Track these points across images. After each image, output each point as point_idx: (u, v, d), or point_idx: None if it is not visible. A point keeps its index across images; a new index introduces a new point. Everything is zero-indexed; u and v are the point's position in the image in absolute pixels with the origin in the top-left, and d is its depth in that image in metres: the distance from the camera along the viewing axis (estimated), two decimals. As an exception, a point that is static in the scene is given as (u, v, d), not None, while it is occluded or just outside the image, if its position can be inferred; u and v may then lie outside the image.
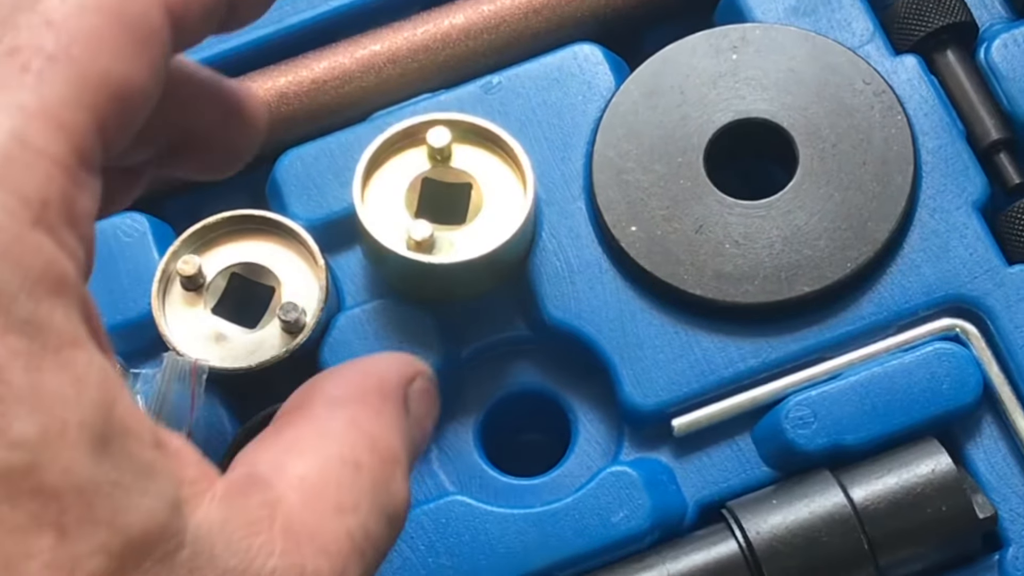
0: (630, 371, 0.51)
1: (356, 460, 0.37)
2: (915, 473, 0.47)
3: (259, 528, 0.34)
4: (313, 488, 0.36)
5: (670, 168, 0.52)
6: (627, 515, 0.48)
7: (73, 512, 0.30)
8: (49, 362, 0.31)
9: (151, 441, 0.33)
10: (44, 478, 0.30)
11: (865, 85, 0.53)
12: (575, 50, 0.55)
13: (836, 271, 0.50)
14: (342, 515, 0.36)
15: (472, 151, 0.52)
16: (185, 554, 0.32)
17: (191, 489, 0.33)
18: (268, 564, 0.34)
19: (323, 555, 0.35)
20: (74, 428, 0.30)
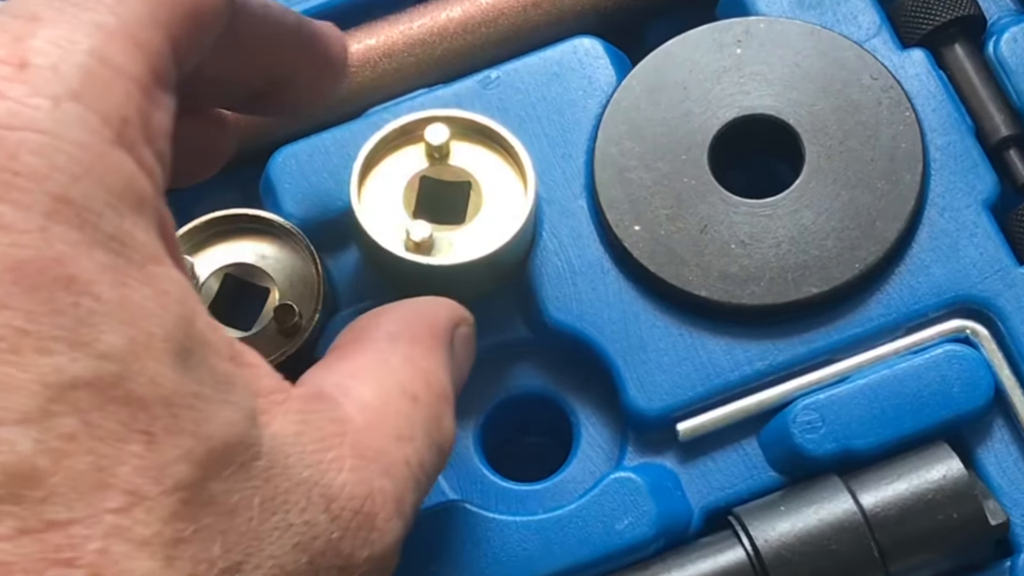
0: (633, 374, 0.49)
1: (414, 393, 0.39)
2: (926, 479, 0.46)
3: (331, 443, 0.35)
4: (375, 414, 0.38)
5: (674, 166, 0.51)
6: (632, 522, 0.47)
7: (160, 421, 0.31)
8: (134, 277, 0.32)
9: (228, 354, 0.34)
10: (132, 388, 0.31)
11: (872, 80, 0.52)
12: (575, 44, 0.54)
13: (844, 272, 0.49)
14: (400, 442, 0.38)
15: (471, 148, 0.50)
16: (262, 463, 0.33)
17: (267, 400, 0.35)
18: (339, 478, 0.35)
19: (386, 476, 0.37)
20: (159, 341, 0.32)
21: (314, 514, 0.34)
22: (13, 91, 0.32)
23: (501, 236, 0.49)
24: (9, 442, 0.29)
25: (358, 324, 0.43)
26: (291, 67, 0.45)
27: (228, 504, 0.32)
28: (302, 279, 0.51)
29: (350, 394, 0.38)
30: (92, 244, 0.31)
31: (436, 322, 0.43)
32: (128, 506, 0.30)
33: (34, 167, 0.31)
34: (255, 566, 0.33)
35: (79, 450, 0.30)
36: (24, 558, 0.29)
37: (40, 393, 0.30)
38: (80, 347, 0.30)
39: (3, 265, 0.30)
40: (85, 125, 0.32)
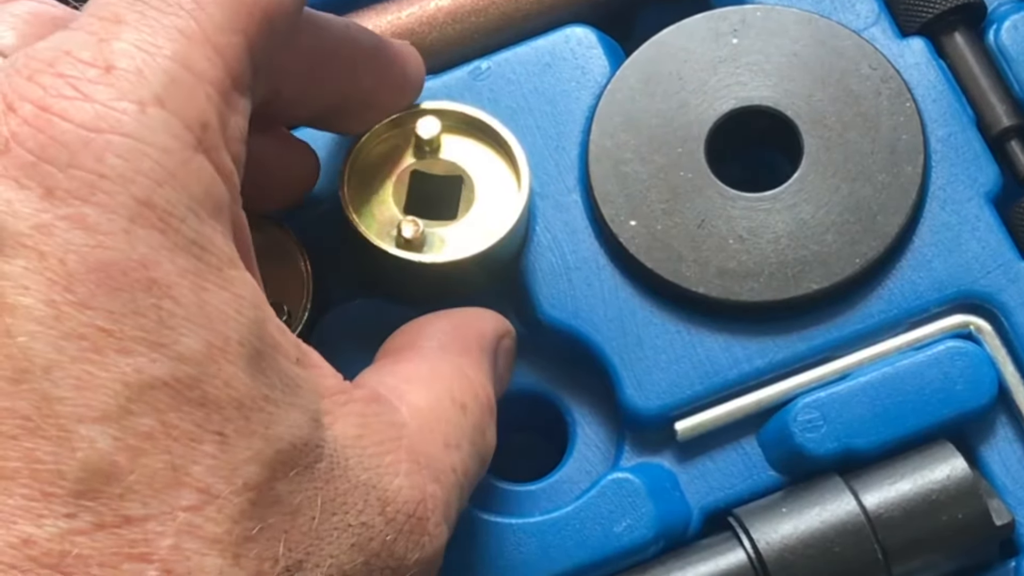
0: (630, 372, 0.48)
1: (463, 402, 0.40)
2: (930, 479, 0.46)
3: (389, 447, 0.36)
4: (427, 420, 0.39)
5: (670, 159, 0.50)
6: (630, 524, 0.46)
7: (233, 423, 0.32)
8: (212, 281, 0.33)
9: (295, 356, 0.35)
10: (208, 390, 0.32)
11: (872, 70, 0.51)
12: (567, 33, 0.53)
13: (845, 267, 0.48)
14: (449, 450, 0.39)
15: (462, 142, 0.49)
16: (324, 465, 0.34)
17: (330, 401, 0.36)
18: (395, 482, 0.36)
19: (436, 482, 0.38)
20: (234, 344, 0.33)
21: (371, 516, 0.35)
22: (99, 94, 0.33)
23: (494, 232, 0.48)
24: (89, 439, 0.31)
25: (409, 330, 0.44)
26: (369, 87, 0.46)
27: (292, 504, 0.33)
28: (290, 276, 0.50)
29: (404, 399, 0.39)
30: (174, 248, 0.32)
31: (483, 333, 0.44)
32: (200, 504, 0.31)
33: (119, 170, 0.32)
34: (315, 565, 0.34)
35: (156, 449, 0.31)
36: (100, 552, 0.30)
37: (120, 392, 0.31)
38: (159, 348, 0.32)
39: (87, 266, 0.31)
40: (169, 130, 0.33)
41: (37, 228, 0.32)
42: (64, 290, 0.31)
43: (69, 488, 0.30)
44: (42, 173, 0.32)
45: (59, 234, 0.32)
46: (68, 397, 0.31)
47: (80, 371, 0.31)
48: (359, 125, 0.48)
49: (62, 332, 0.31)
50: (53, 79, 0.33)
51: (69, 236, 0.32)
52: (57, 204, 0.32)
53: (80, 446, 0.30)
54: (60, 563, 0.30)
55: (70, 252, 0.31)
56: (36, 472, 0.30)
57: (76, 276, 0.31)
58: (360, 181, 0.49)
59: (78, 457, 0.30)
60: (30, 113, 0.32)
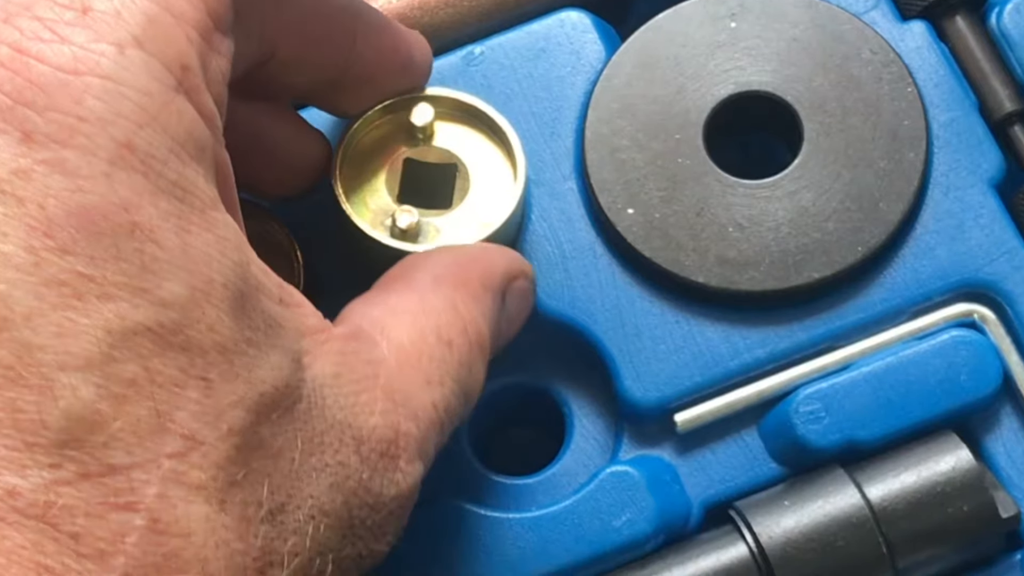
0: (629, 363, 0.48)
1: (449, 339, 0.40)
2: (934, 470, 0.45)
3: (365, 385, 0.36)
4: (409, 357, 0.38)
5: (668, 145, 0.49)
6: (630, 518, 0.46)
7: (217, 368, 0.32)
8: (195, 224, 0.32)
9: (278, 296, 0.35)
10: (192, 335, 0.31)
11: (872, 55, 0.50)
12: (562, 17, 0.52)
13: (847, 255, 0.47)
14: (430, 387, 0.38)
15: (456, 129, 0.48)
16: (303, 406, 0.34)
17: (311, 340, 0.35)
18: (370, 421, 0.36)
19: (412, 419, 0.37)
20: (218, 287, 0.32)
21: (347, 455, 0.35)
22: (77, 36, 0.32)
23: (489, 222, 0.47)
24: (71, 387, 0.30)
25: (408, 261, 0.43)
26: (370, 61, 0.45)
27: (274, 447, 0.33)
28: (282, 268, 0.49)
29: (386, 333, 0.39)
30: (156, 191, 0.32)
31: (490, 270, 0.43)
32: (186, 451, 0.31)
33: (99, 112, 0.32)
34: (296, 507, 0.33)
35: (139, 396, 0.31)
36: (85, 502, 0.30)
37: (102, 339, 0.30)
38: (142, 294, 0.31)
39: (67, 211, 0.31)
40: (149, 72, 0.33)
41: (16, 173, 0.31)
42: (44, 236, 0.31)
43: (52, 438, 0.30)
44: (20, 117, 0.31)
45: (38, 179, 0.31)
46: (49, 345, 0.30)
47: (61, 318, 0.30)
48: (356, 103, 0.47)
49: (42, 279, 0.30)
50: (30, 22, 0.32)
51: (48, 181, 0.31)
52: (36, 148, 0.31)
53: (62, 395, 0.30)
54: (45, 514, 0.29)
55: (49, 197, 0.31)
56: (18, 422, 0.30)
57: (56, 221, 0.31)
58: (353, 169, 0.48)
59: (60, 406, 0.30)
60: (6, 56, 0.32)
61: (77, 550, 0.30)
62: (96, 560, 0.30)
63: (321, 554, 0.34)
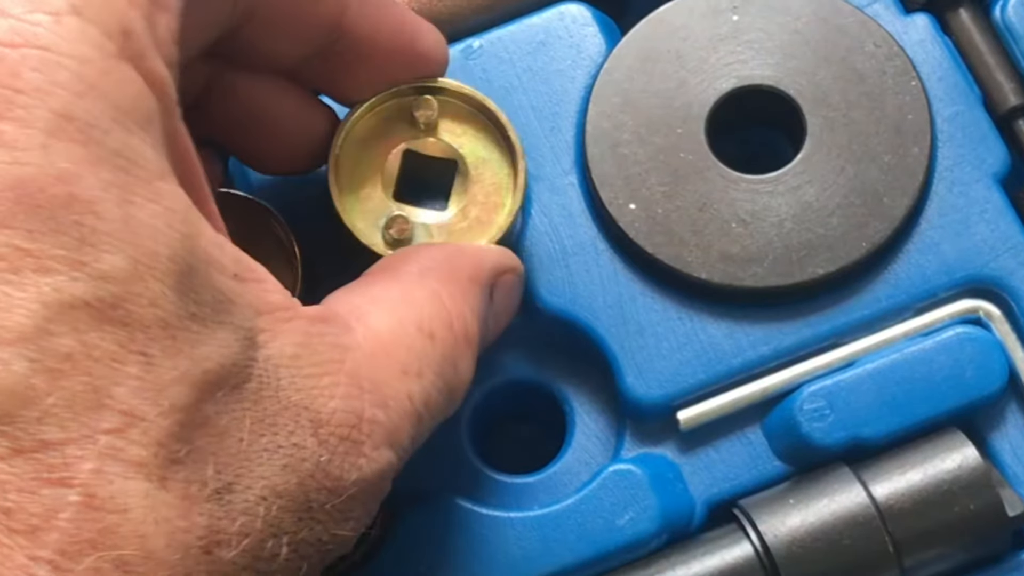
0: (631, 360, 0.47)
1: (431, 331, 0.39)
2: (940, 468, 0.45)
3: (327, 368, 0.35)
4: (384, 346, 0.38)
5: (669, 140, 0.49)
6: (634, 517, 0.45)
7: (158, 343, 0.31)
8: (140, 195, 0.32)
9: (233, 270, 0.34)
10: (132, 309, 0.31)
11: (876, 48, 0.49)
12: (561, 10, 0.51)
13: (851, 251, 0.47)
14: (406, 377, 0.38)
15: (461, 123, 0.47)
16: (253, 385, 0.33)
17: (271, 317, 0.35)
18: (329, 404, 0.35)
19: (380, 407, 0.36)
20: (164, 260, 0.31)
21: (302, 437, 0.34)
22: (13, 7, 0.32)
23: (486, 228, 0.46)
24: (4, 362, 0.29)
25: (397, 254, 0.43)
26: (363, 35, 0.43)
27: (219, 426, 0.32)
28: (279, 264, 0.48)
29: (364, 320, 0.38)
30: (96, 161, 0.31)
31: (479, 265, 0.43)
32: (124, 427, 0.30)
33: (36, 84, 0.31)
34: (246, 487, 0.33)
35: (75, 370, 0.30)
36: (17, 477, 0.29)
37: (38, 312, 0.30)
38: (80, 267, 0.30)
39: (4, 184, 0.30)
40: (87, 39, 0.32)
41: None
42: None
43: None
44: None
45: None
46: None
47: None
48: (356, 86, 0.45)
49: None
50: None
51: None
52: None
53: None
54: None
55: None
56: None
57: None
58: (350, 158, 0.47)
59: None
60: None
61: (8, 525, 0.29)
62: (28, 536, 0.29)
63: (275, 536, 0.33)
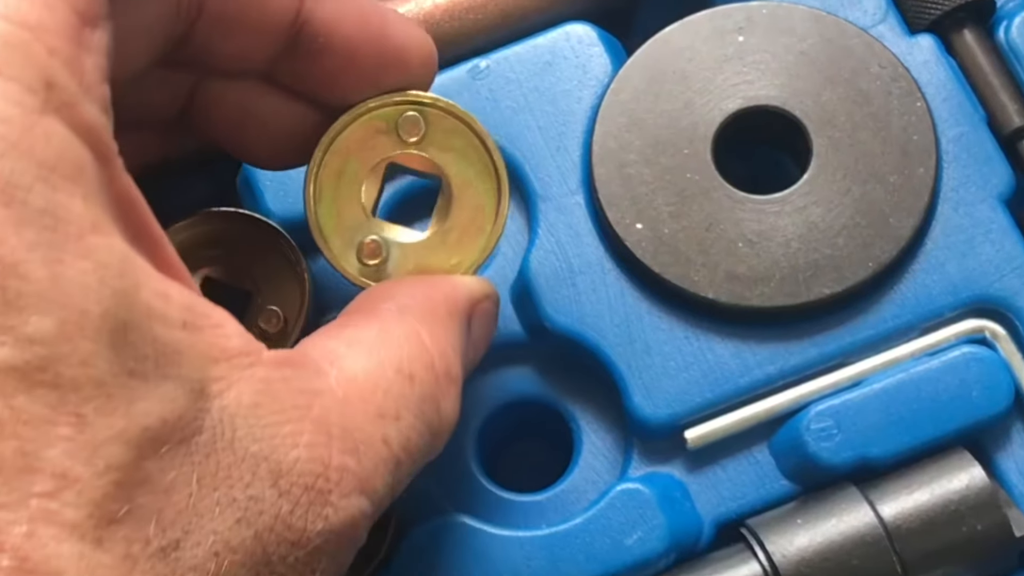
0: (638, 380, 0.47)
1: (410, 372, 0.38)
2: (948, 488, 0.45)
3: (290, 416, 0.34)
4: (360, 390, 0.37)
5: (676, 160, 0.49)
6: (642, 536, 0.45)
7: (92, 402, 0.30)
8: (69, 252, 0.30)
9: (180, 320, 0.33)
10: (62, 371, 0.30)
11: (881, 69, 0.49)
12: (567, 31, 0.52)
13: (857, 271, 0.47)
14: (382, 421, 0.37)
15: (449, 140, 0.45)
16: (204, 438, 0.32)
17: (228, 365, 0.33)
18: (291, 454, 0.34)
19: (351, 453, 0.35)
20: (95, 319, 0.30)
21: (260, 489, 0.33)
22: None
23: (466, 253, 0.44)
24: None
25: (372, 292, 0.42)
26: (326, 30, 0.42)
27: (164, 482, 0.32)
28: (288, 283, 0.48)
29: (339, 364, 0.37)
30: (20, 222, 0.30)
31: (456, 297, 0.42)
32: (57, 489, 0.30)
33: None
34: (195, 543, 0.32)
35: (4, 435, 0.29)
36: None
37: None
38: (7, 331, 0.30)
39: None
40: (7, 97, 0.30)
41: None
42: None
43: None
44: None
45: None
46: None
47: None
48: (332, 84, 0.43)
49: None
50: None
51: None
52: None
53: None
54: None
55: None
56: None
57: None
58: (332, 168, 0.45)
59: None
60: None
61: None
62: None
63: None
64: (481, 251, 0.44)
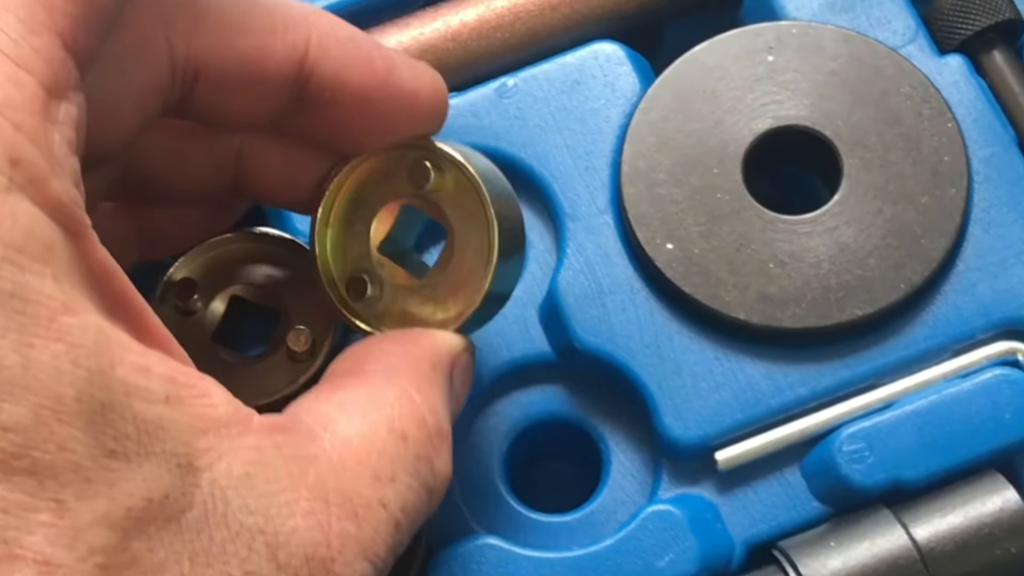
0: (668, 400, 0.47)
1: (403, 432, 0.37)
2: (981, 511, 0.45)
3: (285, 484, 0.33)
4: (355, 453, 0.36)
5: (706, 180, 0.49)
6: (673, 559, 0.45)
7: (71, 487, 0.30)
8: (39, 335, 0.30)
9: (161, 394, 0.32)
10: (38, 457, 0.29)
11: (912, 89, 0.49)
12: (595, 49, 0.52)
13: (889, 292, 0.47)
14: (379, 483, 0.36)
15: (457, 197, 0.43)
16: (194, 515, 0.31)
17: (216, 435, 0.33)
18: (288, 524, 0.33)
19: (351, 519, 0.35)
20: (70, 402, 0.30)
21: (257, 563, 0.32)
22: None
23: (455, 304, 0.43)
24: None
25: (355, 353, 0.41)
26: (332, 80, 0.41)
27: (153, 562, 0.31)
28: (316, 302, 0.48)
29: (332, 428, 0.36)
30: None
31: (438, 352, 0.41)
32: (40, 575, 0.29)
33: None
34: None
35: None
36: None
37: None
38: None
39: None
40: None
41: None
42: None
43: None
44: None
45: None
46: None
47: None
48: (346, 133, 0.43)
49: None
50: None
51: None
52: None
53: None
54: None
55: None
56: None
57: None
58: (346, 200, 0.44)
59: None
60: None
61: None
62: None
63: None
64: (458, 316, 0.43)
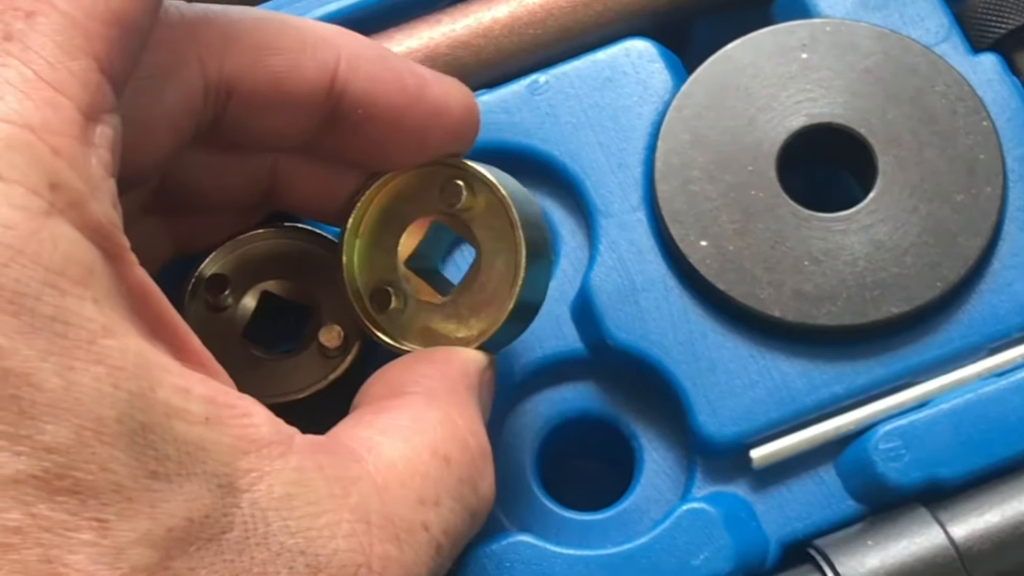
0: (702, 398, 0.47)
1: (447, 455, 0.38)
2: (1019, 509, 0.44)
3: (328, 506, 0.34)
4: (399, 476, 0.36)
5: (740, 177, 0.49)
6: (709, 557, 0.45)
7: (113, 507, 0.30)
8: (80, 358, 0.30)
9: (203, 415, 0.32)
10: (80, 477, 0.30)
11: (946, 87, 0.49)
12: (627, 46, 0.51)
13: (925, 290, 0.47)
14: (422, 506, 0.36)
15: (488, 218, 0.43)
16: (235, 535, 0.32)
17: (257, 456, 0.33)
18: (330, 545, 0.33)
19: (393, 541, 0.35)
20: (111, 423, 0.30)
21: None
22: None
23: (470, 335, 0.43)
24: None
25: (391, 376, 0.41)
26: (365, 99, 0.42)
27: None
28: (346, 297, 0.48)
29: (376, 451, 0.37)
30: (30, 331, 0.30)
31: (468, 371, 0.42)
32: None
33: None
34: None
35: (26, 543, 0.29)
36: None
37: None
38: (23, 441, 0.29)
39: None
40: (10, 202, 0.30)
41: None
42: None
43: None
44: None
45: None
46: None
47: None
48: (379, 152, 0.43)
49: None
50: None
51: None
52: None
53: None
54: None
55: None
56: None
57: None
58: (382, 210, 0.45)
59: None
60: None
61: None
62: None
63: None
64: (479, 336, 0.43)
